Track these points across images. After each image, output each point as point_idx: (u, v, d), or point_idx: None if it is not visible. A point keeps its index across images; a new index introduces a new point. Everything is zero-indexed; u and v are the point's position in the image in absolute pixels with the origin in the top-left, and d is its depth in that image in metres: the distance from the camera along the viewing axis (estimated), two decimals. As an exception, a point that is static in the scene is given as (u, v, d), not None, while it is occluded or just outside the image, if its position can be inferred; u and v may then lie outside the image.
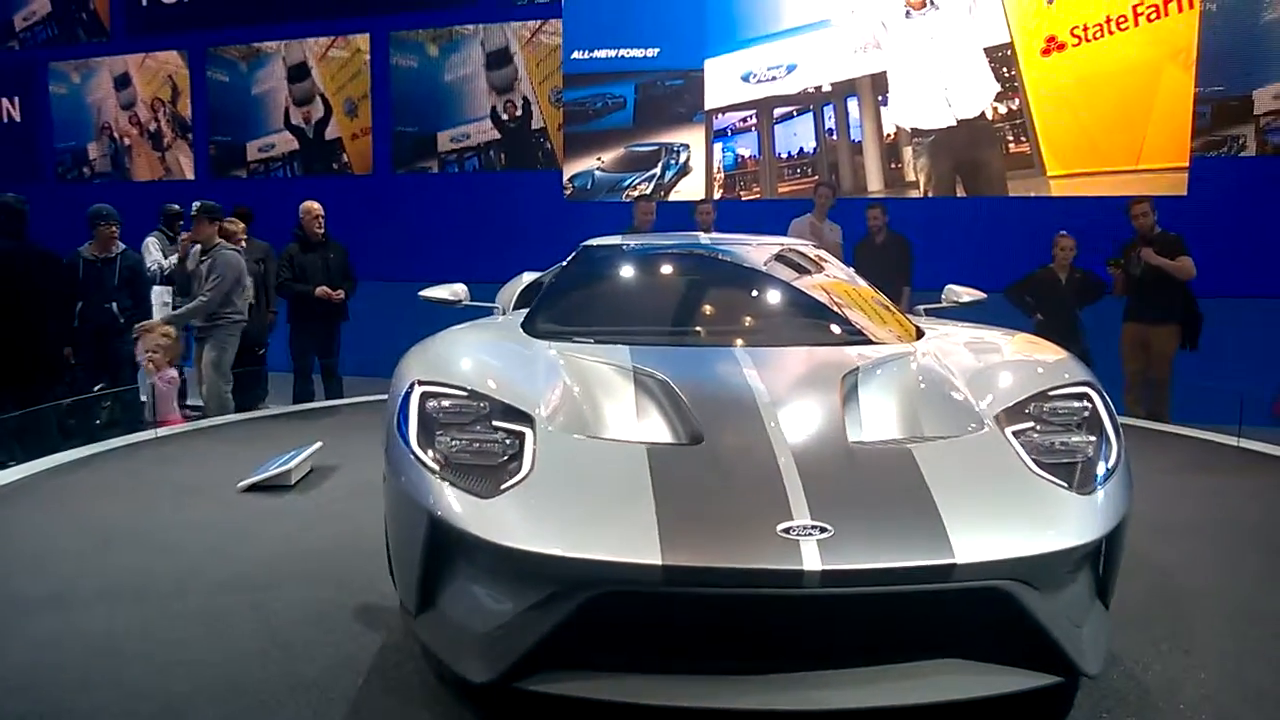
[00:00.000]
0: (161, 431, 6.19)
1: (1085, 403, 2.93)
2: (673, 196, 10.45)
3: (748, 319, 4.01)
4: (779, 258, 4.46)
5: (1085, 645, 2.41)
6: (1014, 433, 2.78)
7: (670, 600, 2.29)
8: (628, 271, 4.51)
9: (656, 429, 2.78)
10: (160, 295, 7.66)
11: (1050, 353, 3.39)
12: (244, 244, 7.52)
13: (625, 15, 10.51)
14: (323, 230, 7.67)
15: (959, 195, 9.71)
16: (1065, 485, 2.59)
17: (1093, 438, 2.79)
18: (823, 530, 2.30)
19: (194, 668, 2.83)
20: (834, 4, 9.82)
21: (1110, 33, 9.12)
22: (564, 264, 4.63)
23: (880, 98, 9.79)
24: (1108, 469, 2.68)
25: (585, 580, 2.27)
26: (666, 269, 4.55)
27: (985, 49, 9.43)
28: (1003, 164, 9.50)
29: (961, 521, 2.36)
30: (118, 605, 3.28)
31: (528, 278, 5.99)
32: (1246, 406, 6.47)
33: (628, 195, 10.61)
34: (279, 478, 4.69)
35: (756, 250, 4.50)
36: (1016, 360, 3.37)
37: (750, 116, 10.25)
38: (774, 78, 10.07)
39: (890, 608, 2.35)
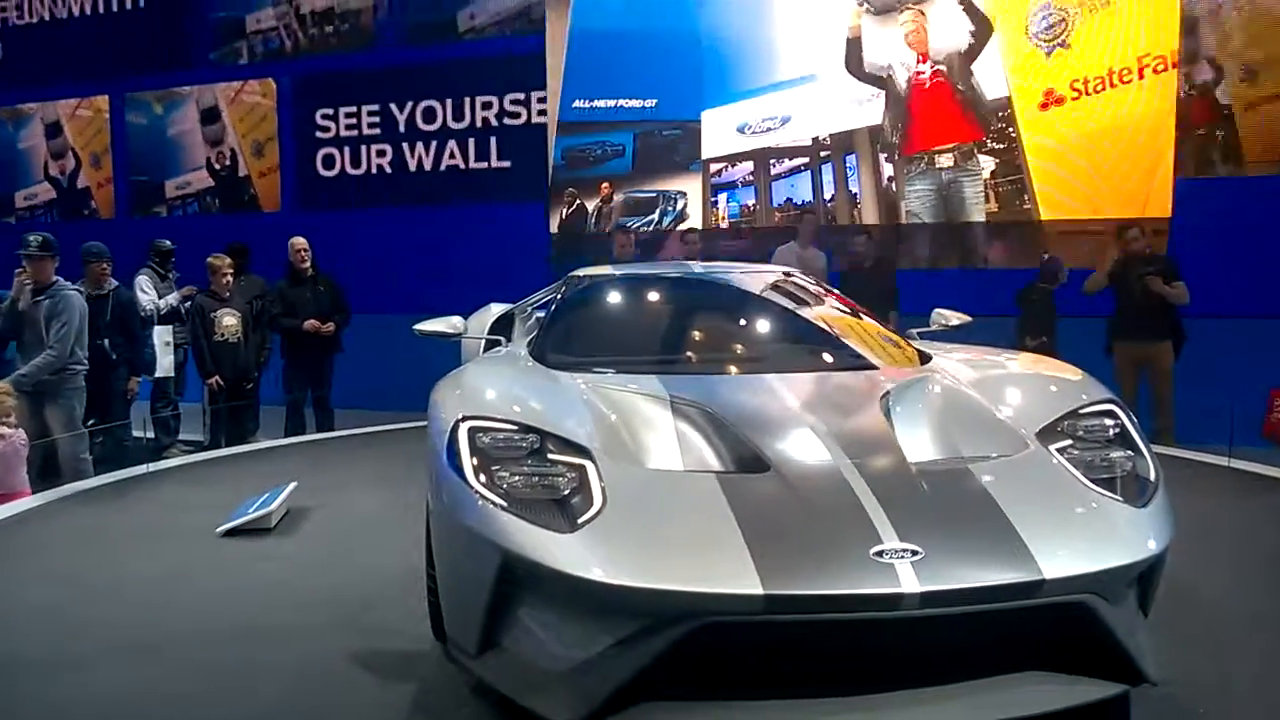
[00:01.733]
0: (153, 467, 6.20)
1: (1113, 419, 3.02)
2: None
3: (763, 345, 4.04)
4: (778, 285, 4.49)
5: (1147, 653, 2.49)
6: (1057, 450, 2.86)
7: (766, 628, 2.29)
8: (630, 299, 4.55)
9: (707, 458, 2.77)
10: (162, 335, 7.68)
11: (1065, 371, 3.48)
12: (228, 283, 7.50)
13: (624, 66, 10.50)
14: (308, 264, 7.73)
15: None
16: (1121, 500, 2.68)
17: (1129, 452, 2.88)
18: (914, 553, 2.32)
19: None
20: (830, 58, 9.77)
21: (1112, 85, 8.97)
22: (555, 294, 4.60)
23: (878, 147, 9.70)
24: (1153, 482, 2.78)
25: (682, 612, 2.25)
26: (669, 296, 4.54)
27: (986, 102, 9.32)
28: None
29: (1040, 539, 2.41)
30: (124, 663, 3.16)
31: (496, 309, 5.88)
32: (1236, 426, 6.35)
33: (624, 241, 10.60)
34: (258, 521, 4.56)
35: (751, 277, 4.57)
36: (1035, 379, 3.46)
37: (749, 174, 10.20)
38: (769, 129, 10.02)
39: (976, 625, 2.37)
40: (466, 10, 11.26)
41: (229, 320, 7.43)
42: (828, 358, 3.79)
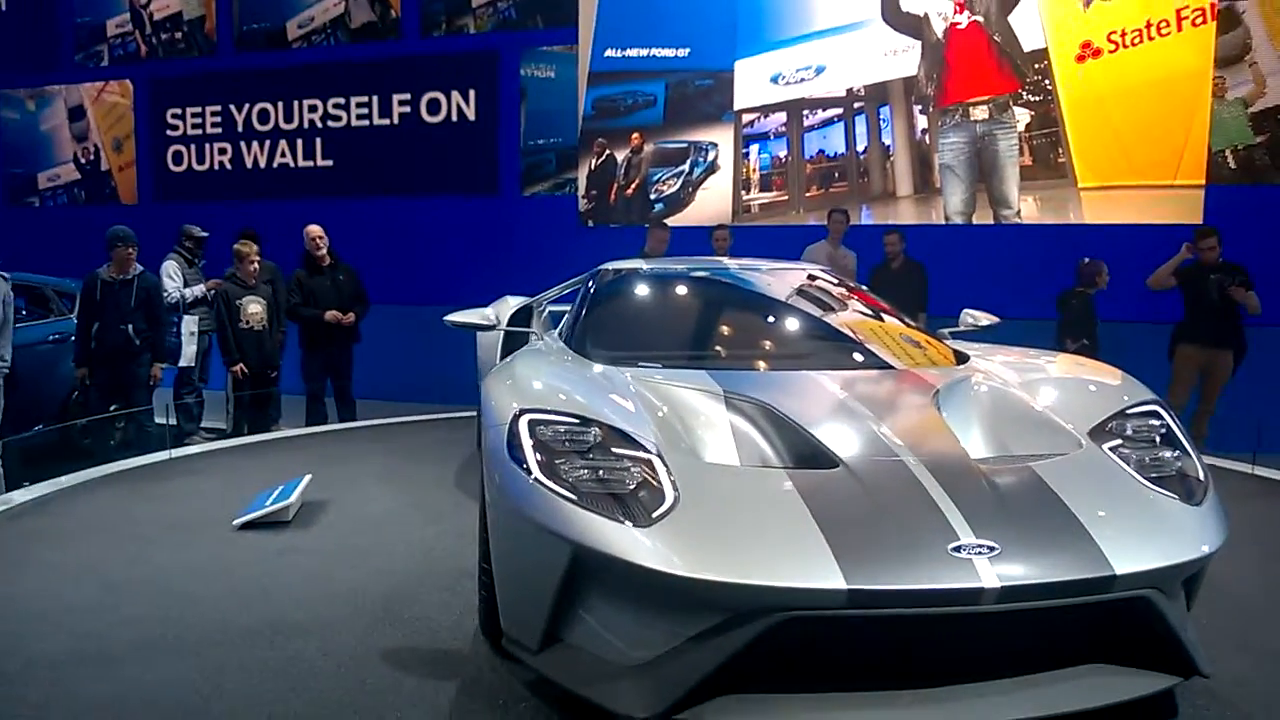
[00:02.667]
0: (175, 453, 6.22)
1: (1158, 420, 3.09)
2: (692, 218, 10.31)
3: (805, 343, 4.02)
4: (811, 284, 4.54)
5: (1198, 646, 2.54)
6: (1109, 449, 2.92)
7: (843, 623, 2.31)
8: (666, 295, 4.56)
9: (764, 453, 2.79)
10: (189, 325, 7.68)
11: (1104, 372, 3.55)
12: (255, 270, 7.43)
13: (657, 15, 10.43)
14: (324, 252, 7.61)
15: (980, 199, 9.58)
16: (1176, 498, 2.74)
17: (1177, 452, 2.95)
18: (990, 549, 2.37)
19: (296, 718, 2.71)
20: (867, 6, 9.68)
21: (1150, 39, 8.89)
22: (584, 287, 4.58)
23: (913, 98, 9.66)
24: (1203, 481, 2.85)
25: (764, 607, 2.26)
26: (704, 293, 4.53)
27: (1023, 53, 9.25)
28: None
29: (1107, 535, 2.47)
30: (160, 660, 3.08)
31: (514, 302, 5.84)
32: (1262, 434, 6.42)
33: (656, 190, 10.61)
34: (277, 514, 4.54)
35: (786, 275, 4.60)
36: (1078, 381, 3.49)
37: (781, 125, 10.16)
38: (803, 79, 9.97)
39: (1044, 619, 2.42)
40: (294, 20, 11.97)
41: (254, 308, 7.35)
42: (868, 356, 3.79)
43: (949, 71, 9.53)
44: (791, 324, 4.21)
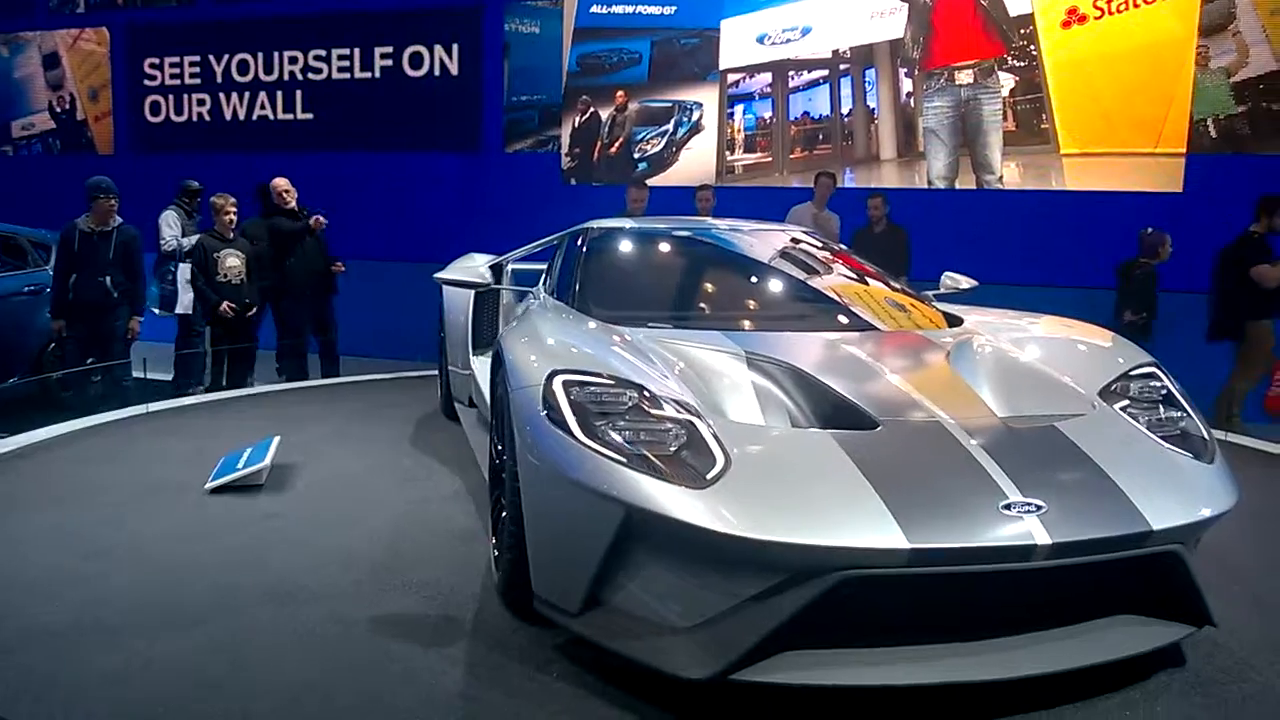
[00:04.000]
0: (152, 407, 6.11)
1: (1158, 381, 3.18)
2: (676, 178, 10.28)
3: (811, 304, 3.99)
4: (802, 245, 4.55)
5: (1210, 597, 2.62)
6: (1120, 409, 3.01)
7: (901, 580, 2.33)
8: (665, 254, 4.53)
9: (790, 412, 2.79)
10: (185, 272, 7.53)
11: (1096, 334, 3.66)
12: (231, 222, 7.31)
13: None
14: (293, 204, 7.64)
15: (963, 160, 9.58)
16: (1190, 455, 2.84)
17: (1180, 413, 3.05)
18: (1039, 507, 2.42)
19: (324, 689, 2.58)
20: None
21: (1135, 6, 8.86)
22: (570, 246, 4.51)
23: (898, 61, 9.62)
24: (1208, 440, 2.96)
25: (826, 566, 2.27)
26: (703, 253, 4.50)
27: (1009, 18, 9.21)
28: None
29: (1138, 492, 2.54)
30: (166, 630, 2.94)
31: (481, 259, 5.57)
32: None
33: (640, 149, 10.55)
34: (250, 477, 4.39)
35: (770, 236, 4.59)
36: (1075, 343, 3.56)
37: (766, 86, 10.09)
38: (789, 40, 9.91)
39: (1083, 573, 2.48)
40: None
41: (232, 261, 7.23)
42: (876, 320, 3.78)
43: (935, 34, 9.49)
44: (797, 285, 4.18)
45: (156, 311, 7.57)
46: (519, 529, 2.81)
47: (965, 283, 4.64)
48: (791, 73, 10.00)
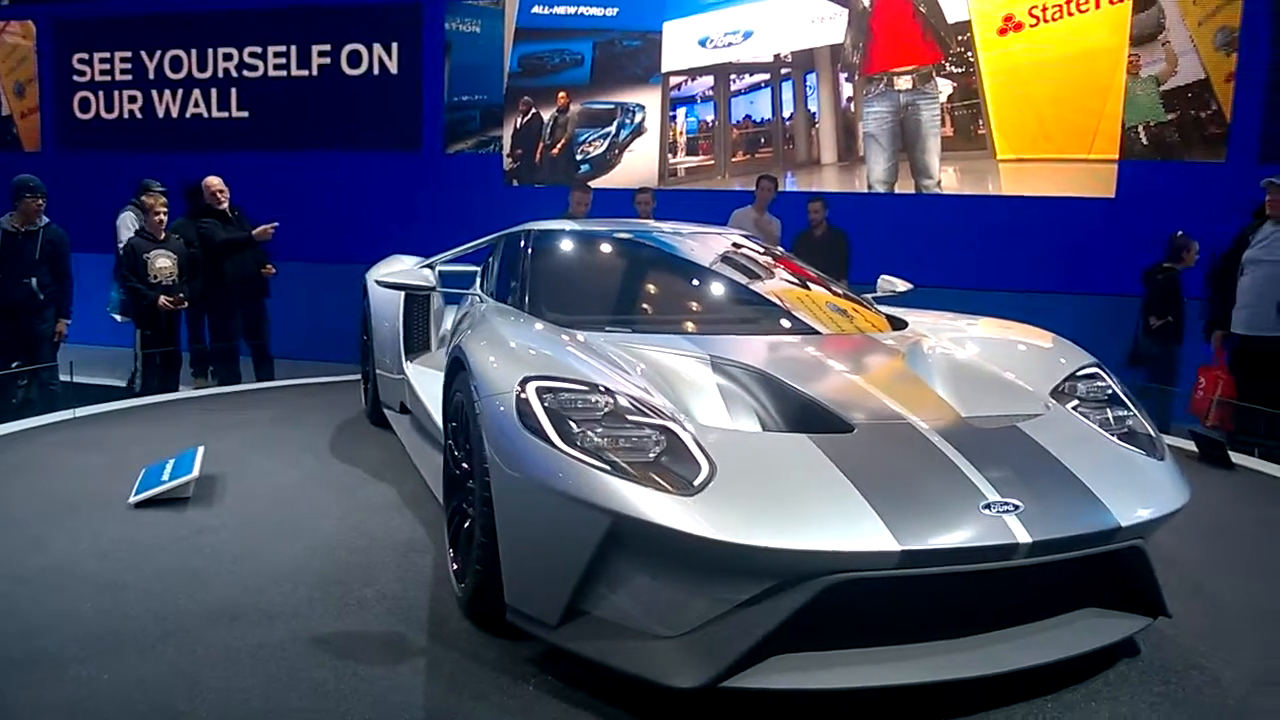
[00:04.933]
0: (80, 412, 5.83)
1: (1102, 381, 3.26)
2: (618, 181, 10.26)
3: (756, 308, 3.97)
4: (745, 248, 4.55)
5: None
6: (1072, 409, 3.08)
7: (889, 582, 2.33)
8: (614, 258, 4.48)
9: (757, 416, 2.78)
10: None
11: (1036, 334, 3.72)
12: (161, 222, 7.03)
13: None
14: (225, 205, 7.46)
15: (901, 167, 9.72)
16: (1144, 453, 2.92)
17: (1126, 411, 3.13)
18: (1015, 506, 2.45)
19: (294, 715, 2.46)
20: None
21: (1070, 14, 9.07)
22: (520, 248, 4.35)
23: (839, 66, 9.70)
24: (1156, 437, 3.03)
25: (817, 570, 2.27)
26: (648, 256, 4.45)
27: (947, 25, 9.35)
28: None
29: (1103, 489, 2.61)
30: (115, 657, 2.75)
31: (408, 261, 5.52)
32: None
33: (582, 151, 10.51)
34: (177, 490, 4.15)
35: (716, 240, 4.58)
36: (1017, 342, 3.64)
37: (709, 89, 10.13)
38: (730, 44, 9.95)
39: (1054, 569, 2.50)
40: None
41: (163, 262, 6.97)
42: (826, 321, 3.80)
43: (874, 40, 9.62)
44: (744, 289, 4.17)
45: (117, 318, 7.34)
46: (489, 540, 2.75)
47: (901, 285, 4.69)
48: (733, 76, 10.04)
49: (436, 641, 2.89)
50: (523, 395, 2.64)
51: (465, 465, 3.07)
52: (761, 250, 4.63)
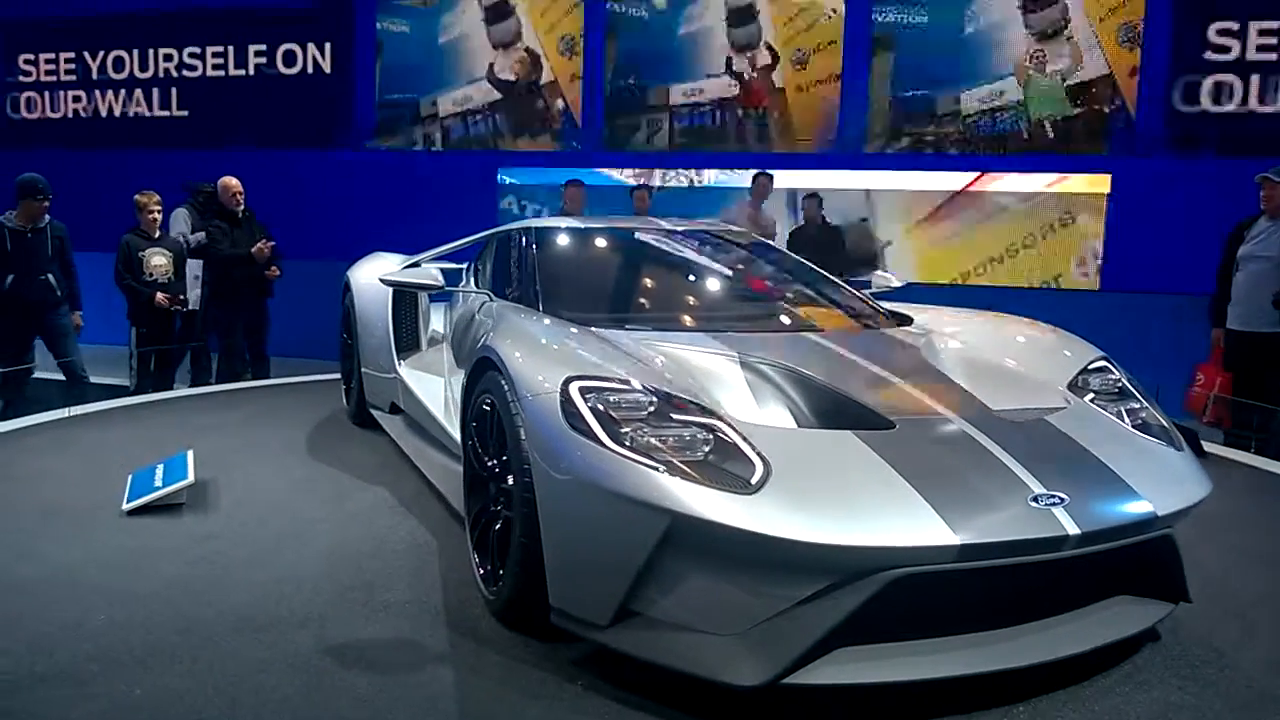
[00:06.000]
0: (74, 411, 5.52)
1: (1113, 375, 3.29)
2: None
3: (775, 304, 3.97)
4: (747, 245, 4.58)
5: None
6: (1090, 402, 3.13)
7: (946, 576, 2.34)
8: (620, 256, 4.46)
9: (797, 414, 2.77)
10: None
11: (1038, 329, 3.76)
12: (155, 220, 7.00)
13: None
14: (242, 206, 7.25)
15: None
16: (1164, 444, 2.96)
17: (1139, 404, 3.15)
18: (1062, 499, 2.46)
19: None
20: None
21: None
22: (523, 246, 4.23)
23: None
24: (1170, 429, 3.06)
25: (879, 565, 2.28)
26: (655, 254, 4.40)
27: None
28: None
29: (1136, 479, 2.64)
30: (141, 671, 2.55)
31: (396, 259, 5.37)
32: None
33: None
34: (172, 496, 3.90)
35: (718, 236, 4.59)
36: (1024, 337, 3.65)
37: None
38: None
39: (1095, 558, 2.52)
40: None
41: (158, 260, 6.95)
42: (843, 316, 3.88)
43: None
44: (750, 284, 4.20)
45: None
46: (531, 542, 2.66)
47: (896, 281, 4.66)
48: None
49: (473, 645, 2.78)
50: (567, 396, 2.62)
51: (493, 466, 3.02)
52: (764, 246, 4.68)
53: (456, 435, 3.72)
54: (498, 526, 2.94)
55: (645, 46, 10.01)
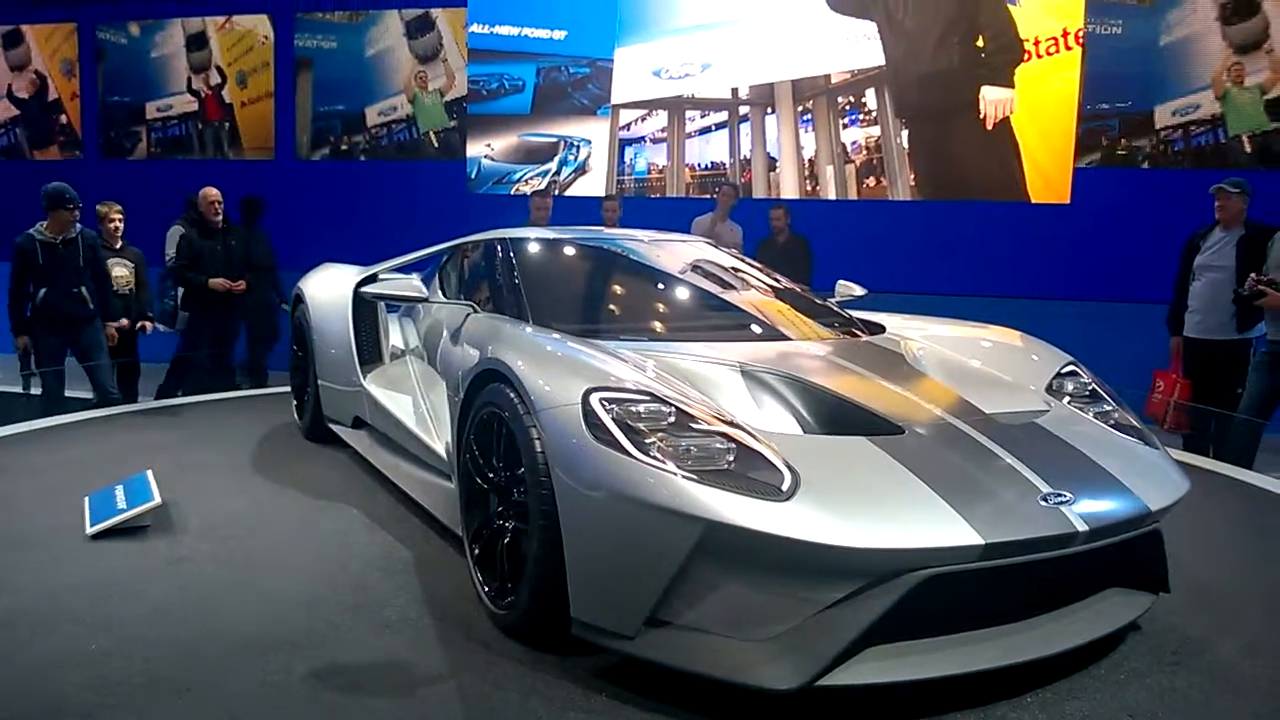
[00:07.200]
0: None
1: (1084, 378, 3.44)
2: (569, 194, 9.83)
3: (759, 314, 3.94)
4: (717, 257, 4.57)
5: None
6: (1068, 405, 3.26)
7: (969, 574, 2.40)
8: (600, 268, 4.42)
9: (803, 420, 2.82)
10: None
11: (1007, 335, 3.88)
12: (117, 230, 6.93)
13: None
14: (220, 217, 7.18)
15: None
16: (1142, 443, 3.10)
17: (1110, 406, 3.29)
18: (1067, 498, 2.57)
19: None
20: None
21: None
22: (502, 256, 4.17)
23: (800, 110, 9.36)
24: (1141, 428, 3.20)
25: (908, 566, 2.33)
26: (632, 265, 4.38)
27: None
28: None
29: (1127, 477, 2.77)
30: (145, 703, 2.45)
31: (351, 271, 5.23)
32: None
33: (517, 190, 9.90)
34: (138, 518, 3.74)
35: (687, 249, 4.61)
36: (996, 343, 3.79)
37: (660, 131, 9.71)
38: (688, 75, 9.52)
39: (1098, 553, 2.63)
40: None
41: (119, 271, 6.85)
42: (825, 326, 3.87)
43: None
44: (730, 295, 4.15)
45: (161, 328, 7.23)
46: (548, 554, 2.65)
47: (858, 290, 4.68)
48: (690, 123, 9.63)
49: (490, 659, 2.75)
50: (589, 407, 2.61)
51: (496, 480, 3.01)
52: (734, 258, 4.68)
53: (438, 448, 3.68)
54: (506, 540, 2.89)
55: (125, 68, 11.42)
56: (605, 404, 2.61)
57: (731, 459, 2.50)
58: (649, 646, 2.47)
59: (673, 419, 2.59)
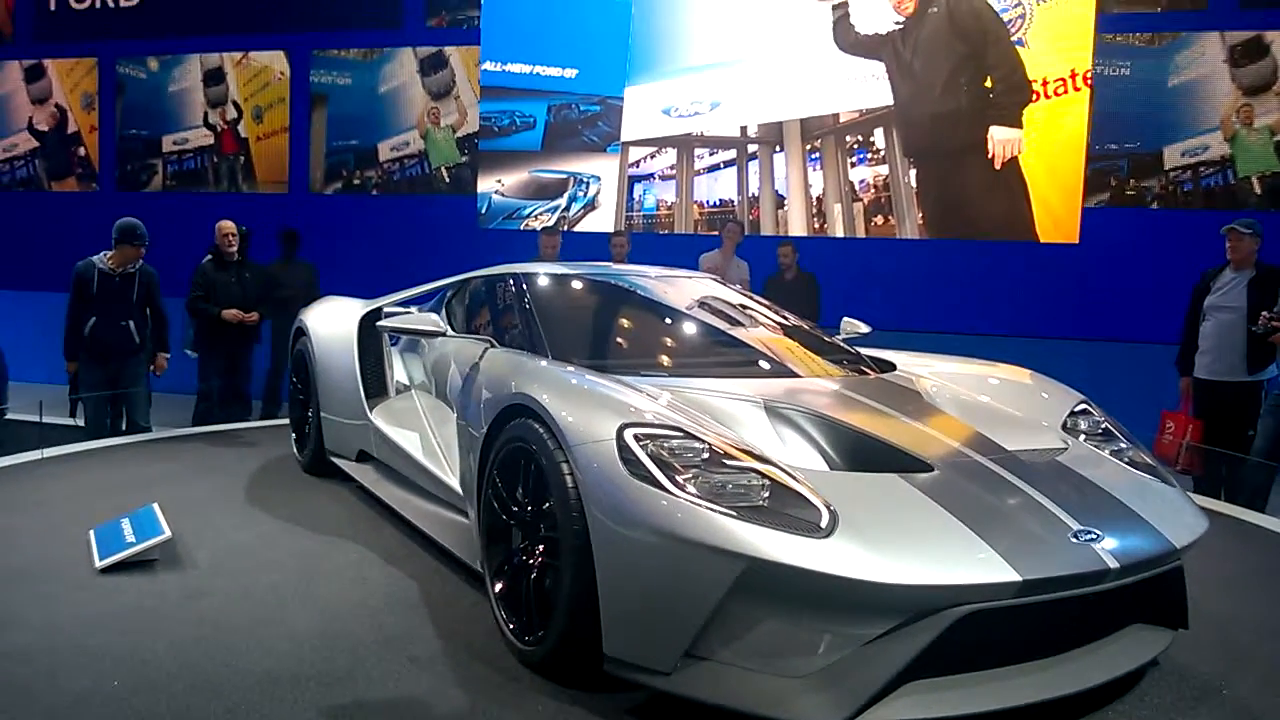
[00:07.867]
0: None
1: (1097, 416, 3.45)
2: (579, 229, 9.88)
3: (769, 350, 3.94)
4: (726, 295, 4.56)
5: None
6: (1084, 443, 3.26)
7: (1006, 611, 2.42)
8: (616, 304, 4.42)
9: (828, 457, 2.84)
10: None
11: (1016, 373, 3.89)
12: None
13: (545, 29, 9.90)
14: (235, 249, 7.16)
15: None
16: (1160, 481, 3.11)
17: (1124, 444, 3.30)
18: (1097, 535, 2.59)
19: None
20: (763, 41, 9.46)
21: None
22: (516, 290, 4.17)
23: (808, 148, 9.43)
24: (1156, 466, 3.22)
25: (947, 603, 2.35)
26: (646, 301, 4.38)
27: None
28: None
29: (1151, 515, 2.79)
30: None
31: (357, 305, 5.21)
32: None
33: (527, 225, 9.95)
34: (146, 552, 3.70)
35: (697, 285, 4.59)
36: (1006, 381, 3.79)
37: (669, 168, 9.77)
38: (696, 113, 9.60)
39: (1126, 590, 2.63)
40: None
41: None
42: (837, 363, 3.89)
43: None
44: (741, 331, 4.13)
45: (188, 353, 7.35)
46: (581, 591, 2.62)
47: (863, 328, 4.71)
48: (699, 161, 9.68)
49: (518, 695, 2.73)
50: (624, 443, 2.61)
51: (521, 514, 3.00)
52: (742, 294, 4.69)
53: (451, 483, 3.67)
54: (532, 576, 2.87)
55: (144, 102, 11.60)
56: (639, 439, 2.61)
57: (766, 495, 2.49)
58: (685, 683, 2.46)
59: (706, 455, 2.59)
